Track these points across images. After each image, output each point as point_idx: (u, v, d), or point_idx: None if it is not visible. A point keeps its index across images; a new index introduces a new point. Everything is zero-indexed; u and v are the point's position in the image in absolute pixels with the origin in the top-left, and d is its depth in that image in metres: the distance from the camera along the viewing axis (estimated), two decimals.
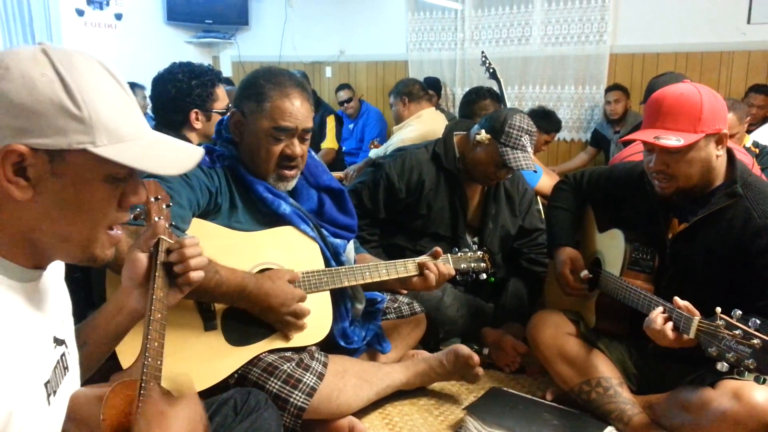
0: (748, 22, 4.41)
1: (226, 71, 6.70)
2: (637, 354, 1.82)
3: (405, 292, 2.05)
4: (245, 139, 1.65)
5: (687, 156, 1.55)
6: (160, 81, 2.23)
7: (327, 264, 1.70)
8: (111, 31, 5.84)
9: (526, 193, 2.55)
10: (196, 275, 1.12)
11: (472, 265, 1.97)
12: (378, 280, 1.73)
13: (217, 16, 6.39)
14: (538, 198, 3.08)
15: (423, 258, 1.83)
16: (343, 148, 5.32)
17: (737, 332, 1.29)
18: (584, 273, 1.87)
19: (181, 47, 6.46)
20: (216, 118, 2.16)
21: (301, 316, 1.55)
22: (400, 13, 5.72)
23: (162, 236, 1.11)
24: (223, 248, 1.49)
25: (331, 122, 4.97)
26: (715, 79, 4.59)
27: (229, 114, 1.71)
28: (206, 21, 6.38)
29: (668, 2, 4.60)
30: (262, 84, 1.61)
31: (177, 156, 0.88)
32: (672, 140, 1.51)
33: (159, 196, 1.20)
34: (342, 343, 1.74)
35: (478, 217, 2.43)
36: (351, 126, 5.49)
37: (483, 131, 2.22)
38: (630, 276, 1.74)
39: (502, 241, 2.45)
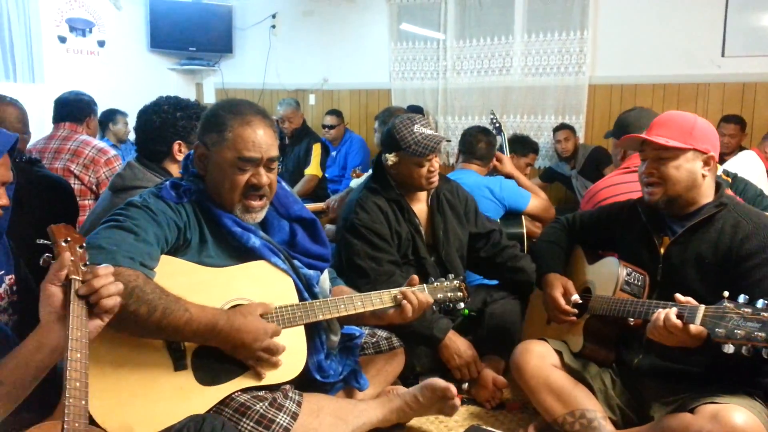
0: (723, 55, 4.53)
1: (210, 98, 6.71)
2: (620, 380, 1.83)
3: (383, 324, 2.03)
4: (210, 171, 1.62)
5: (675, 162, 1.67)
6: (145, 112, 2.24)
7: (300, 296, 1.68)
8: (94, 58, 5.83)
9: (467, 200, 2.58)
10: (111, 302, 1.16)
11: (449, 294, 1.94)
12: (353, 312, 1.70)
13: (201, 44, 6.42)
14: (523, 218, 3.11)
15: (399, 288, 1.81)
16: (326, 176, 5.32)
17: (746, 310, 1.34)
18: (575, 297, 1.87)
19: (165, 74, 6.47)
20: None
21: (275, 351, 1.51)
22: (384, 43, 5.78)
23: (72, 275, 1.15)
24: (194, 285, 1.46)
25: (317, 150, 4.97)
26: (691, 109, 4.64)
27: (193, 148, 1.69)
28: (190, 48, 6.40)
29: (645, 35, 4.71)
30: (222, 115, 1.59)
31: None
32: (662, 139, 1.66)
33: (69, 239, 1.21)
34: (318, 377, 1.70)
35: (429, 234, 2.44)
36: (334, 153, 5.50)
37: (388, 156, 2.30)
38: (621, 296, 1.76)
39: (458, 251, 2.47)
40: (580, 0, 4.88)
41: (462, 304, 1.97)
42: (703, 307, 1.41)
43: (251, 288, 1.56)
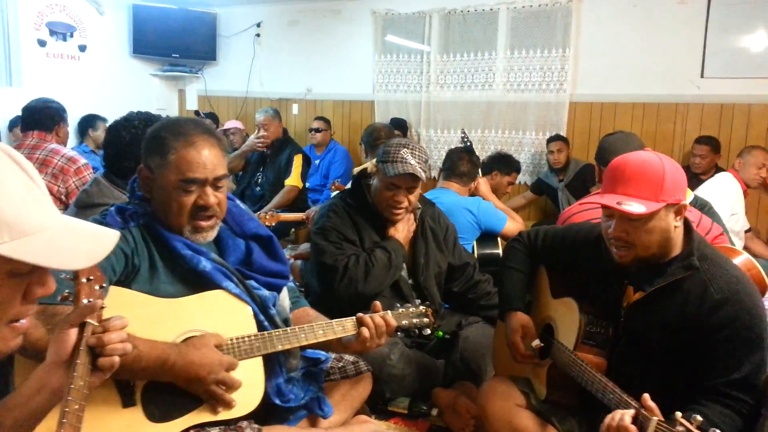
0: (702, 76, 4.58)
1: (192, 105, 6.66)
2: (588, 427, 1.77)
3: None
4: (155, 194, 1.57)
5: (647, 225, 1.52)
6: (115, 128, 2.21)
7: (256, 320, 1.63)
8: (74, 62, 5.76)
9: (448, 229, 2.57)
10: (113, 361, 1.11)
11: (414, 320, 1.89)
12: (314, 342, 1.66)
13: (184, 51, 6.38)
14: (499, 240, 3.12)
15: (361, 314, 1.77)
16: (308, 185, 5.29)
17: None
18: (536, 342, 1.80)
19: (147, 80, 6.42)
20: None
21: (231, 384, 1.46)
22: (368, 54, 5.78)
23: (88, 319, 1.09)
24: (146, 317, 1.41)
25: (298, 160, 4.94)
26: (670, 129, 4.73)
27: (137, 171, 1.65)
28: (173, 55, 6.35)
29: (626, 55, 4.75)
30: (164, 137, 1.54)
31: (85, 245, 0.84)
32: (634, 206, 1.48)
33: (92, 277, 1.15)
34: (278, 401, 1.65)
35: (410, 257, 2.43)
36: (317, 162, 5.48)
37: (372, 163, 2.34)
38: (584, 350, 1.69)
39: (436, 278, 2.46)
40: (563, 18, 4.91)
41: (428, 330, 1.93)
42: (656, 420, 1.29)
43: (207, 319, 1.51)
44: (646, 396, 1.34)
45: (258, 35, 6.29)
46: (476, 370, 2.35)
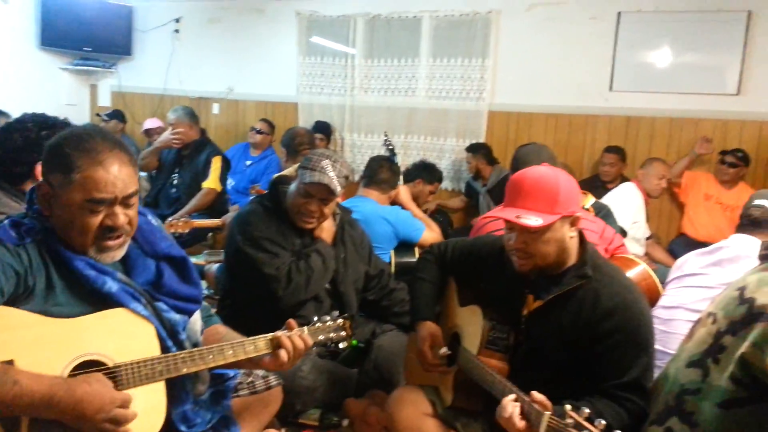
0: (611, 89, 4.83)
1: (105, 101, 6.36)
2: (491, 431, 1.83)
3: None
4: (56, 212, 1.45)
5: (544, 236, 1.62)
6: (6, 130, 2.06)
7: (162, 344, 1.55)
8: None
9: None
10: None
11: (332, 335, 1.86)
12: (223, 363, 1.60)
13: (97, 44, 6.07)
14: (416, 249, 3.16)
15: (276, 333, 1.74)
16: (232, 183, 5.16)
17: None
18: (443, 350, 1.86)
19: (56, 74, 6.06)
20: None
21: (123, 422, 1.35)
22: (292, 55, 5.71)
23: None
24: (37, 339, 1.30)
25: (216, 162, 4.78)
26: (581, 139, 4.96)
27: (35, 186, 1.53)
28: (85, 48, 6.03)
29: (541, 67, 4.94)
30: (68, 153, 1.41)
31: None
32: (532, 220, 1.58)
33: None
34: (183, 428, 1.60)
35: None
36: (248, 162, 5.35)
37: (293, 167, 2.33)
38: (486, 355, 1.75)
39: (354, 284, 2.47)
40: (482, 29, 5.04)
41: (344, 344, 1.92)
42: (547, 414, 1.36)
43: (106, 340, 1.41)
44: (534, 393, 1.42)
45: (177, 31, 6.08)
46: (389, 378, 2.37)
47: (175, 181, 4.49)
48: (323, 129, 5.40)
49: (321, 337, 1.82)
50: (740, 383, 1.20)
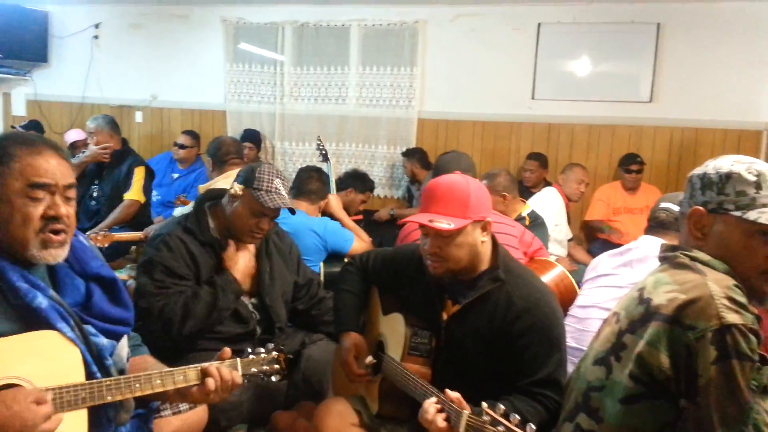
0: (533, 97, 5.00)
1: (20, 110, 6.03)
2: None
3: None
4: None
5: (456, 240, 1.67)
6: None
7: (87, 370, 1.49)
8: None
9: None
10: None
11: (264, 368, 1.78)
12: (150, 392, 1.52)
13: (10, 50, 5.73)
14: (346, 260, 3.15)
15: (207, 364, 1.67)
16: (158, 197, 4.99)
17: (501, 429, 1.32)
18: (369, 359, 1.87)
19: None
20: None
21: None
22: (219, 62, 5.60)
23: None
24: None
25: (139, 173, 4.62)
26: (506, 145, 5.11)
27: None
28: None
29: (467, 76, 5.08)
30: (7, 145, 1.41)
31: None
32: (444, 224, 1.64)
33: None
34: None
35: (255, 278, 2.38)
36: (175, 175, 5.18)
37: (236, 184, 2.26)
38: (410, 361, 1.78)
39: (283, 296, 2.44)
40: (410, 38, 5.12)
41: (277, 377, 1.85)
42: (466, 413, 1.40)
43: (28, 363, 1.34)
44: (448, 391, 1.46)
45: (96, 37, 5.84)
46: (319, 389, 2.35)
47: (95, 193, 4.31)
48: (253, 137, 5.32)
49: (254, 370, 1.76)
50: (638, 380, 1.26)
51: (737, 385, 1.16)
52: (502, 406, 1.35)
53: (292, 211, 2.39)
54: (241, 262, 2.31)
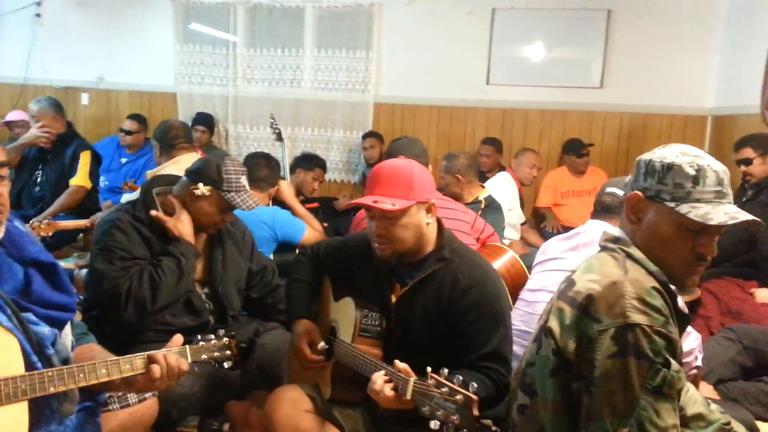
0: (488, 83, 5.04)
1: None
2: (371, 420, 1.87)
3: None
4: None
5: (401, 221, 1.72)
6: None
7: (27, 360, 1.44)
8: None
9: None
10: None
11: (216, 354, 1.78)
12: (95, 382, 1.48)
13: None
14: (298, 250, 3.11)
15: (154, 351, 1.63)
16: (106, 183, 4.83)
17: (444, 389, 1.38)
18: (321, 345, 1.88)
19: None
20: None
21: None
22: (168, 43, 5.45)
23: None
24: None
25: (85, 157, 4.45)
26: (462, 130, 5.15)
27: None
28: None
29: (423, 61, 5.08)
30: None
31: None
32: (387, 204, 1.69)
33: None
34: None
35: (205, 267, 2.35)
36: (123, 160, 5.02)
37: (201, 185, 2.21)
38: (360, 342, 1.80)
39: (236, 284, 2.41)
40: (366, 21, 5.08)
41: (229, 363, 1.85)
42: (412, 380, 1.44)
43: None
44: (396, 361, 1.51)
45: (38, 15, 5.58)
46: (274, 377, 2.33)
47: (38, 179, 4.14)
48: (205, 121, 5.19)
49: (204, 357, 1.75)
50: (559, 355, 1.33)
51: (630, 382, 1.21)
52: (446, 370, 1.40)
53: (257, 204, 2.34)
54: (187, 224, 2.28)
